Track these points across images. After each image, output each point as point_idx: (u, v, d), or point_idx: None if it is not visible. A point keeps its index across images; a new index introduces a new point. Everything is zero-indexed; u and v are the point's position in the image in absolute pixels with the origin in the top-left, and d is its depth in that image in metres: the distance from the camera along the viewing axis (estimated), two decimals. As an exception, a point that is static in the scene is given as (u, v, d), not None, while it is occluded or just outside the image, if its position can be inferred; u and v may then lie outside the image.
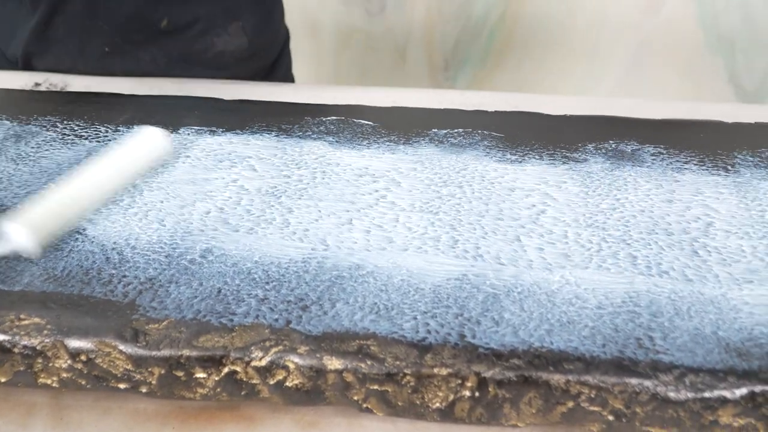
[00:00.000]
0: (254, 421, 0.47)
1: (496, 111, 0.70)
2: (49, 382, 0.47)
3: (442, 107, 0.71)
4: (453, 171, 0.60)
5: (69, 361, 0.46)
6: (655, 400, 0.43)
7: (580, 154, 0.63)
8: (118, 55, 0.84)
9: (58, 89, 0.78)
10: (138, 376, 0.46)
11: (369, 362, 0.44)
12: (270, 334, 0.46)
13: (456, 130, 0.67)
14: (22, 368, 0.46)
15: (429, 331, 0.46)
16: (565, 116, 0.69)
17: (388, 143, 0.65)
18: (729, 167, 0.61)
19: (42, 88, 0.78)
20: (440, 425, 0.46)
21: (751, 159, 0.62)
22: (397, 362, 0.44)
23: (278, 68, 0.96)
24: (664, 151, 0.63)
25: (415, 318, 0.47)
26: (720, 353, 0.44)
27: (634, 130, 0.66)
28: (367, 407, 0.45)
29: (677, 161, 0.62)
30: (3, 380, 0.47)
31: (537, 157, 0.63)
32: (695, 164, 0.62)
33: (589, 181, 0.59)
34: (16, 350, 0.46)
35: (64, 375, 0.46)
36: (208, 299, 0.48)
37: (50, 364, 0.46)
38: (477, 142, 0.65)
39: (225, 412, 0.48)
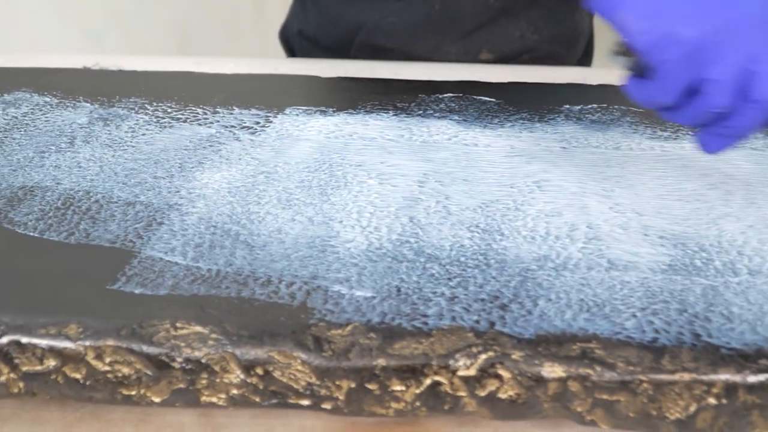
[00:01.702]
0: (446, 438, 0.41)
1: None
2: (215, 400, 0.40)
3: (565, 83, 0.65)
4: (606, 149, 0.55)
5: (241, 376, 0.39)
6: None
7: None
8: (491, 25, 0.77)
9: (127, 70, 0.70)
10: (323, 391, 0.39)
11: (597, 368, 0.38)
12: (475, 338, 0.39)
13: (590, 106, 0.61)
14: (182, 386, 0.39)
15: (657, 331, 0.40)
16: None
17: (521, 121, 0.59)
18: None
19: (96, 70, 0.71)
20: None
21: None
22: (630, 367, 0.38)
23: None
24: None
25: (634, 316, 0.41)
26: None
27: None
28: (591, 419, 0.39)
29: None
30: (157, 400, 0.40)
31: (691, 132, 0.57)
32: None
33: None
34: (175, 365, 0.39)
35: (235, 392, 0.39)
36: (388, 299, 0.41)
37: (218, 380, 0.39)
38: (618, 119, 0.59)
39: (404, 426, 0.42)
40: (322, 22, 0.79)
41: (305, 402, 0.39)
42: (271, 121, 0.58)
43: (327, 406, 0.40)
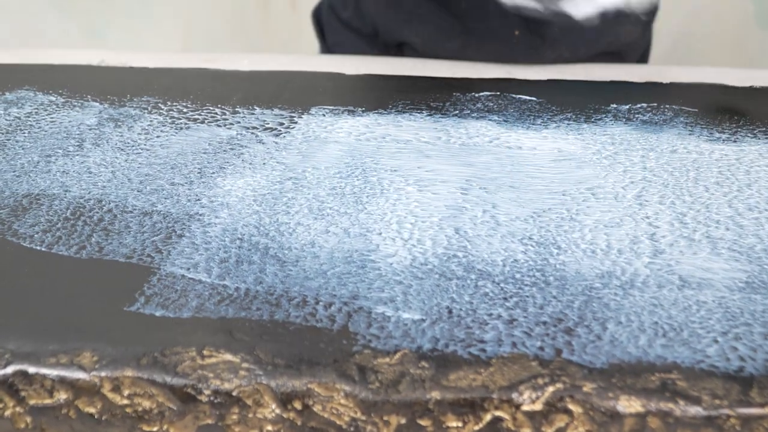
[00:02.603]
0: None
1: (671, 83, 0.60)
2: (246, 437, 0.35)
3: (609, 80, 0.60)
4: (664, 153, 0.50)
5: (277, 410, 0.35)
6: None
7: (799, 130, 0.53)
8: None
9: (137, 67, 0.66)
10: (369, 427, 0.35)
11: (681, 402, 0.34)
12: (540, 367, 0.35)
13: (639, 105, 0.56)
14: (210, 421, 0.35)
15: (742, 358, 0.35)
16: (751, 88, 0.60)
17: (567, 122, 0.54)
18: None
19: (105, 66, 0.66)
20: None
21: None
22: (717, 401, 0.34)
23: None
24: None
25: (716, 341, 0.36)
26: None
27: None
28: (671, 459, 0.35)
29: None
30: (181, 436, 0.36)
31: (750, 134, 0.53)
32: None
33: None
34: (202, 398, 0.35)
35: (269, 428, 0.35)
36: (440, 322, 0.37)
37: (250, 415, 0.35)
38: (670, 119, 0.55)
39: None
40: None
41: (349, 440, 0.35)
42: (296, 122, 0.54)
43: (373, 444, 0.35)
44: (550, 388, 0.34)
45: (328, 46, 0.82)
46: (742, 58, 1.49)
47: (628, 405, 0.34)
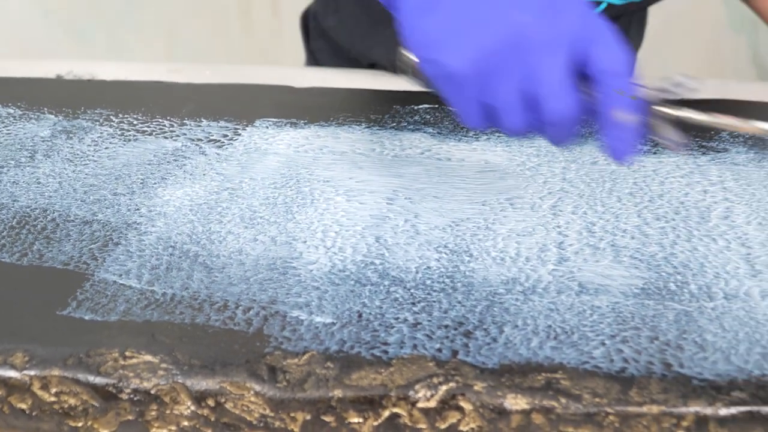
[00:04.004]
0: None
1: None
2: (165, 432, 0.38)
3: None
4: (585, 164, 0.53)
5: (192, 407, 0.37)
6: None
7: (716, 143, 0.56)
8: None
9: (96, 80, 0.69)
10: (277, 423, 0.38)
11: (563, 400, 0.37)
12: (436, 368, 0.38)
13: (569, 119, 0.59)
14: (131, 417, 0.38)
15: (626, 360, 0.38)
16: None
17: (497, 134, 0.57)
18: None
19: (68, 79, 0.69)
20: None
21: None
22: (597, 399, 0.37)
23: None
24: None
25: (603, 344, 0.39)
26: None
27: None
28: (556, 453, 0.38)
29: None
30: (105, 432, 0.38)
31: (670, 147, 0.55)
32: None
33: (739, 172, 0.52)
34: (123, 396, 0.37)
35: (185, 423, 0.38)
36: (349, 326, 0.40)
37: (168, 411, 0.38)
38: (597, 131, 0.57)
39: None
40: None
41: (259, 435, 0.38)
42: (239, 134, 0.56)
43: (282, 438, 0.38)
44: (444, 387, 0.37)
45: (311, 50, 0.84)
46: (715, 64, 1.52)
47: (515, 402, 0.37)
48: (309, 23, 0.83)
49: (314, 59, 0.82)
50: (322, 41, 0.78)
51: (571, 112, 0.41)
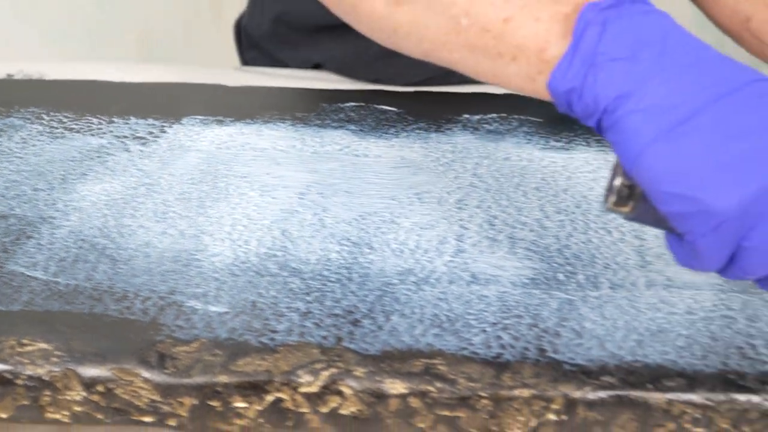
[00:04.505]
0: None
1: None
2: (58, 416, 0.40)
3: (471, 92, 0.65)
4: (497, 160, 0.55)
5: (83, 393, 0.39)
6: (765, 418, 0.38)
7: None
8: None
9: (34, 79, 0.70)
10: (166, 408, 0.39)
11: (438, 384, 0.38)
12: (320, 354, 0.39)
13: (489, 116, 0.61)
14: (26, 402, 0.39)
15: (503, 346, 0.40)
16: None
17: (417, 131, 0.58)
18: None
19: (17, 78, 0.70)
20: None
21: None
22: (471, 384, 0.38)
23: None
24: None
25: (484, 331, 0.41)
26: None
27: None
28: (434, 436, 0.39)
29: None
30: (3, 416, 0.40)
31: (584, 143, 0.57)
32: None
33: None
34: (19, 382, 0.39)
35: (77, 408, 0.39)
36: (242, 315, 0.41)
37: (60, 397, 0.39)
38: (514, 129, 0.59)
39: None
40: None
41: (149, 419, 0.39)
42: (165, 131, 0.58)
43: (172, 422, 0.39)
44: (326, 373, 0.39)
45: (245, 61, 0.85)
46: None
47: (393, 387, 0.38)
48: (241, 32, 0.84)
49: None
50: (255, 52, 0.80)
51: None
